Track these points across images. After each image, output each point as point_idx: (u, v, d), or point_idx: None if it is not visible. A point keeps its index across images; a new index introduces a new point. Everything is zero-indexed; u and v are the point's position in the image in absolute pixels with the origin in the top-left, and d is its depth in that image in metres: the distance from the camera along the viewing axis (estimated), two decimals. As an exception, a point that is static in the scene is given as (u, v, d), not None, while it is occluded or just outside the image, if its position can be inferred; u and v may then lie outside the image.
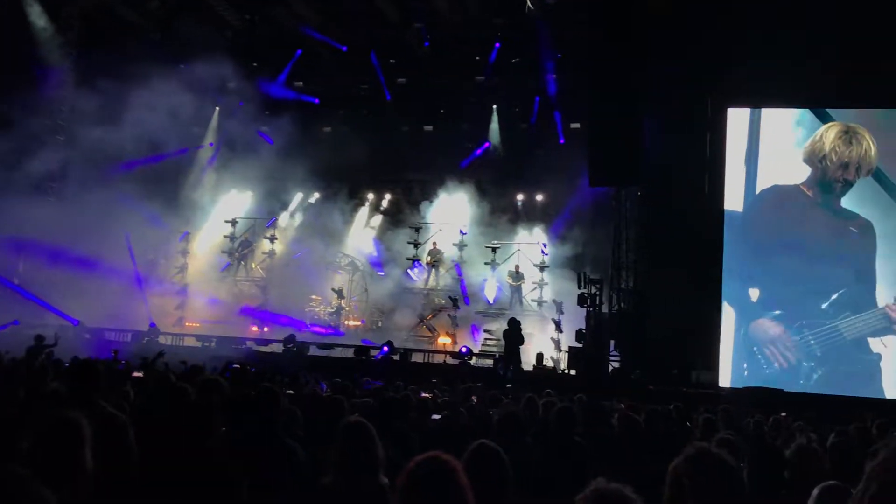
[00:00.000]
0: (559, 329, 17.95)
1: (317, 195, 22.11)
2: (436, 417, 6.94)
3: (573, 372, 16.21)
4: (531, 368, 16.25)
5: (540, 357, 16.81)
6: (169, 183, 20.94)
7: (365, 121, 22.09)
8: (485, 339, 19.18)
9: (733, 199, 17.02)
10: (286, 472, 4.10)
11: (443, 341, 19.31)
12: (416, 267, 21.11)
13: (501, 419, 5.15)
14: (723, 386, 15.81)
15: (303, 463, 4.21)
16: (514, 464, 3.21)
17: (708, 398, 12.64)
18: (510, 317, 16.66)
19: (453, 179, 20.78)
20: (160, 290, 20.61)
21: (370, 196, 22.60)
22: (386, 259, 21.46)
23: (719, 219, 16.92)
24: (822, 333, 15.97)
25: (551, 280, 19.68)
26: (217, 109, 22.41)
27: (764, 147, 17.00)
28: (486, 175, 21.25)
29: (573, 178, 18.42)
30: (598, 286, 16.86)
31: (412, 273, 21.12)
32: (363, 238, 22.21)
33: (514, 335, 15.74)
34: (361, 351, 17.15)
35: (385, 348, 16.77)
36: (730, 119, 17.26)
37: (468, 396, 9.31)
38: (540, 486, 4.15)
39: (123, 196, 18.49)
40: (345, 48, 21.47)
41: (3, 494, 1.81)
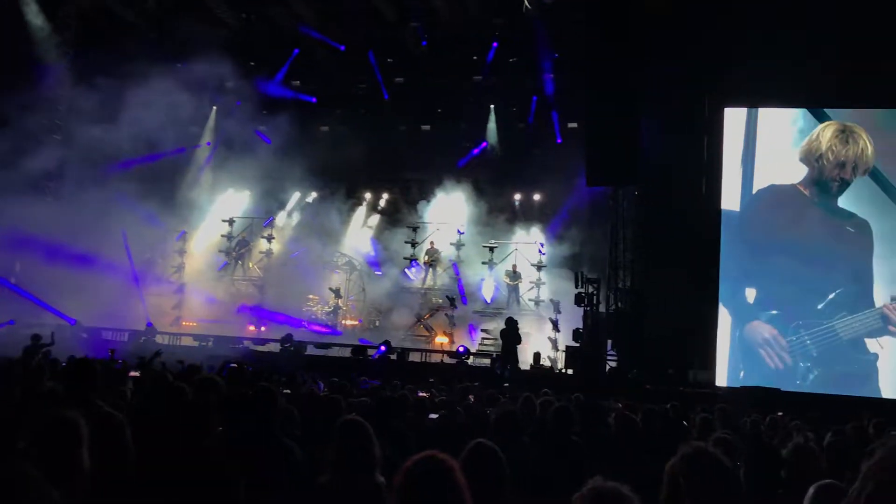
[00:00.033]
0: (556, 328, 17.95)
1: (314, 194, 22.11)
2: (433, 417, 6.94)
3: (570, 371, 16.22)
4: (528, 368, 16.24)
5: (537, 356, 16.80)
6: (166, 182, 20.91)
7: (362, 120, 22.08)
8: (482, 339, 19.17)
9: (730, 199, 17.04)
10: (283, 472, 4.09)
11: (440, 341, 19.29)
12: (414, 266, 21.10)
13: (498, 418, 5.15)
14: (719, 385, 15.84)
15: (300, 462, 4.21)
16: (511, 463, 3.21)
17: (705, 397, 12.67)
18: (507, 316, 16.67)
19: (451, 179, 20.77)
20: (157, 290, 20.59)
21: (368, 195, 22.58)
22: (383, 258, 21.45)
23: (716, 218, 16.94)
24: (819, 333, 15.95)
25: (548, 279, 19.69)
26: (214, 109, 22.40)
27: (761, 147, 17.02)
28: (484, 174, 21.24)
29: (570, 178, 18.43)
30: (596, 286, 16.88)
31: (409, 272, 21.10)
32: (361, 237, 22.19)
33: (512, 335, 15.74)
34: (359, 350, 17.13)
35: (382, 348, 16.76)
36: (726, 119, 17.28)
37: (465, 396, 9.30)
38: (537, 486, 4.15)
39: (120, 195, 18.48)
40: (342, 47, 21.46)
41: (11, 492, 1.81)
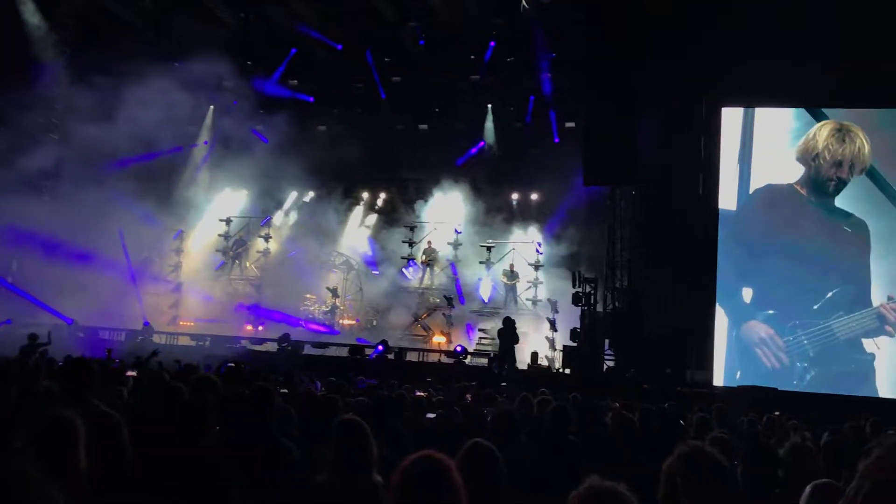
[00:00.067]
0: (554, 328, 17.95)
1: (311, 194, 22.10)
2: (430, 416, 6.93)
3: (568, 371, 16.23)
4: (526, 367, 16.26)
5: (535, 356, 16.82)
6: (163, 181, 20.89)
7: (360, 119, 22.09)
8: (479, 338, 19.18)
9: (727, 199, 17.03)
10: (280, 471, 4.09)
11: (437, 340, 19.30)
12: (411, 266, 21.10)
13: (496, 418, 5.15)
14: (717, 385, 15.84)
15: (297, 462, 4.20)
16: (509, 462, 3.21)
17: (702, 397, 12.66)
18: (505, 316, 16.68)
19: (448, 178, 20.76)
20: (154, 289, 20.58)
21: (365, 195, 22.57)
22: (381, 258, 21.44)
23: (713, 218, 16.94)
24: (816, 333, 15.92)
25: (546, 279, 19.70)
26: (212, 108, 22.38)
27: (757, 146, 16.99)
28: (481, 174, 21.23)
29: (568, 177, 18.42)
30: (593, 285, 16.89)
31: (407, 272, 21.10)
32: (358, 237, 22.18)
33: (509, 334, 15.75)
34: (356, 350, 17.13)
35: (380, 347, 16.76)
36: (723, 118, 17.28)
37: (463, 395, 9.31)
38: (534, 485, 4.15)
39: (117, 194, 18.46)
40: (339, 46, 21.44)
41: (11, 491, 1.81)
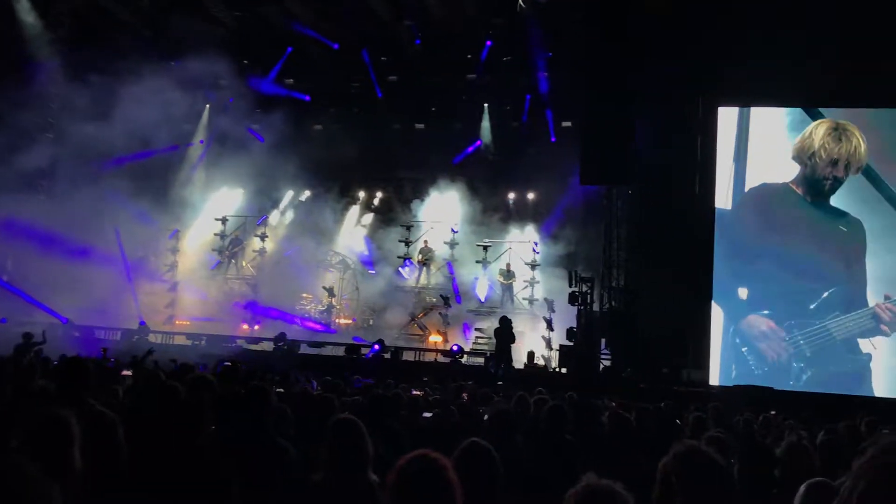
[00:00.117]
0: (550, 327, 17.94)
1: (308, 193, 22.07)
2: (427, 415, 6.94)
3: (564, 370, 16.23)
4: (522, 367, 16.26)
5: (531, 355, 16.82)
6: (159, 180, 20.86)
7: (356, 118, 22.05)
8: (476, 338, 19.18)
9: (723, 198, 17.02)
10: (277, 471, 4.08)
11: (434, 339, 19.29)
12: (408, 265, 21.09)
13: (492, 417, 5.15)
14: (713, 384, 15.84)
15: (293, 461, 4.20)
16: (505, 462, 3.20)
17: (698, 396, 12.68)
18: (501, 315, 16.67)
19: (445, 178, 20.74)
20: (150, 288, 20.54)
21: (361, 194, 22.55)
22: (377, 257, 21.43)
23: (710, 217, 16.93)
24: (812, 333, 15.89)
25: (543, 278, 19.69)
26: (208, 106, 22.34)
27: (753, 145, 16.96)
28: (478, 173, 21.22)
29: (565, 177, 18.43)
30: (590, 284, 16.89)
31: (403, 271, 21.09)
32: (354, 236, 22.16)
33: (506, 333, 15.74)
34: (352, 349, 17.11)
35: (376, 346, 16.75)
36: (719, 117, 17.27)
37: (459, 394, 9.31)
38: (530, 484, 4.15)
39: (113, 193, 18.43)
40: (336, 46, 21.41)
41: (10, 487, 1.80)
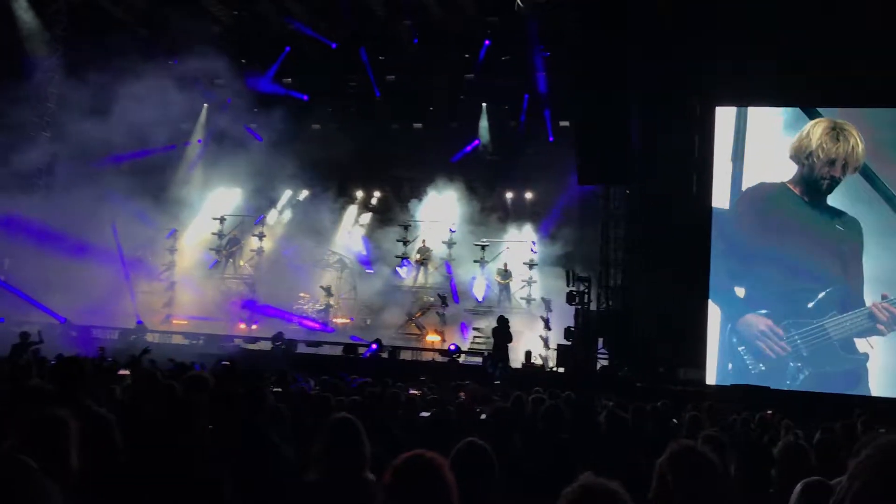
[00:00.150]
0: (548, 327, 17.96)
1: (305, 192, 22.01)
2: (424, 415, 6.94)
3: (561, 369, 16.24)
4: (520, 366, 16.27)
5: (528, 355, 16.82)
6: (156, 180, 20.80)
7: (354, 118, 22.02)
8: (473, 337, 19.18)
9: (720, 197, 16.99)
10: (272, 470, 4.09)
11: (431, 339, 19.29)
12: (405, 265, 21.08)
13: (489, 416, 5.16)
14: (709, 384, 15.83)
15: (289, 460, 4.20)
16: (502, 461, 3.21)
17: (695, 396, 12.68)
18: (499, 314, 16.67)
19: (443, 177, 20.71)
20: (148, 287, 20.52)
21: (359, 193, 22.51)
22: (375, 257, 21.40)
23: (707, 217, 16.88)
24: (809, 333, 15.84)
25: (540, 278, 19.69)
26: (206, 106, 22.30)
27: (750, 144, 16.89)
28: (476, 173, 21.20)
29: (562, 176, 18.44)
30: (587, 284, 16.91)
31: (401, 271, 21.07)
32: (352, 236, 22.12)
33: (503, 333, 15.74)
34: (350, 348, 17.11)
35: (374, 346, 16.76)
36: (717, 117, 17.25)
37: (457, 394, 9.32)
38: (527, 484, 4.16)
39: (111, 192, 18.39)
40: (334, 45, 21.39)
41: (11, 484, 1.81)
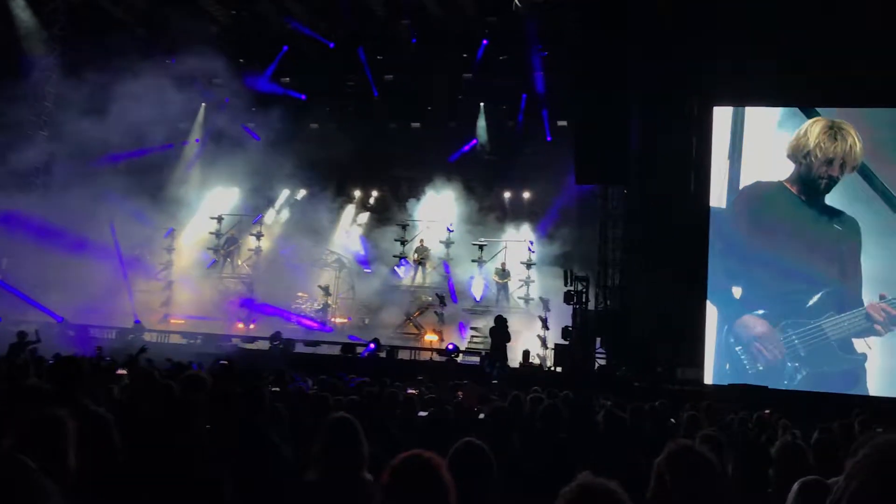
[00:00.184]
0: (546, 326, 17.96)
1: (303, 192, 21.99)
2: (422, 414, 6.94)
3: (559, 369, 16.24)
4: (518, 366, 16.27)
5: (526, 354, 16.81)
6: (154, 179, 20.78)
7: (352, 117, 22.03)
8: (471, 337, 19.17)
9: (717, 197, 16.98)
10: (270, 469, 4.08)
11: (430, 338, 19.28)
12: (403, 264, 21.07)
13: (488, 416, 5.16)
14: (707, 383, 15.84)
15: (287, 460, 4.20)
16: (500, 461, 3.21)
17: (693, 395, 12.69)
18: (497, 314, 16.67)
19: (441, 177, 20.72)
20: (145, 287, 20.50)
21: (357, 193, 22.50)
22: (373, 256, 21.39)
23: (705, 216, 16.89)
24: (806, 333, 15.81)
25: (538, 277, 19.70)
26: (203, 105, 22.28)
27: (748, 143, 16.88)
28: (474, 173, 21.20)
29: (560, 176, 18.44)
30: (585, 284, 16.91)
31: (399, 270, 21.06)
32: (350, 235, 22.11)
33: (501, 332, 15.74)
34: (348, 348, 17.10)
35: (371, 345, 16.75)
36: (715, 117, 17.25)
37: (455, 393, 9.32)
38: (525, 483, 4.16)
39: (108, 192, 18.38)
40: (332, 44, 21.39)
41: (9, 484, 1.81)
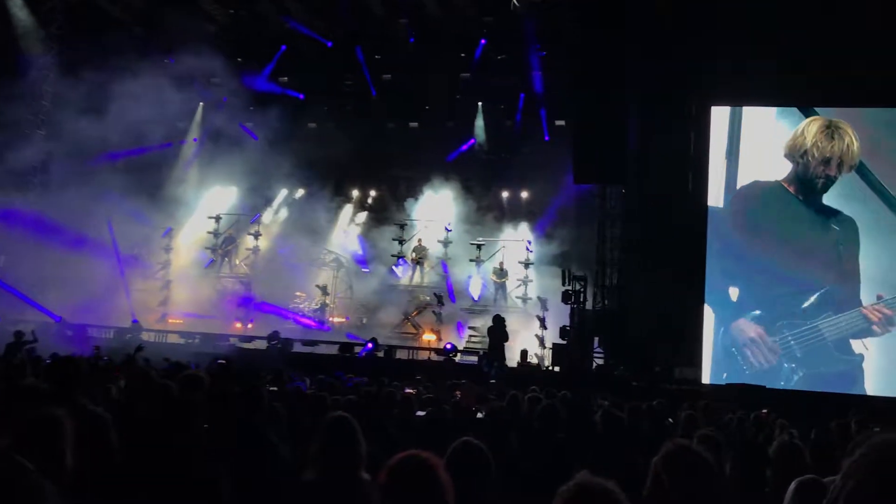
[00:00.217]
0: (544, 326, 17.96)
1: (301, 191, 21.97)
2: (420, 414, 6.94)
3: (557, 368, 16.25)
4: (516, 365, 16.27)
5: (524, 354, 16.82)
6: (152, 178, 20.76)
7: (350, 117, 22.01)
8: (469, 336, 19.18)
9: (714, 196, 16.97)
10: (268, 469, 4.08)
11: (428, 338, 19.28)
12: (401, 264, 21.07)
13: (486, 416, 5.17)
14: (705, 383, 15.84)
15: (285, 459, 4.20)
16: (498, 461, 3.21)
17: (691, 395, 12.69)
18: (495, 313, 16.68)
19: (439, 176, 20.72)
20: (143, 286, 20.49)
21: (355, 192, 22.49)
22: (371, 256, 21.38)
23: (703, 216, 16.89)
24: (803, 334, 15.76)
25: (536, 277, 19.71)
26: (201, 104, 22.26)
27: (745, 143, 16.84)
28: (472, 172, 21.20)
29: (558, 176, 18.44)
30: (583, 283, 16.92)
31: (397, 270, 21.06)
32: (348, 235, 22.10)
33: (499, 332, 15.75)
34: (346, 347, 17.10)
35: (369, 345, 16.75)
36: (713, 116, 17.24)
37: (453, 393, 9.33)
38: (523, 483, 4.16)
39: (106, 191, 18.36)
40: (330, 43, 21.38)
41: (8, 484, 1.81)
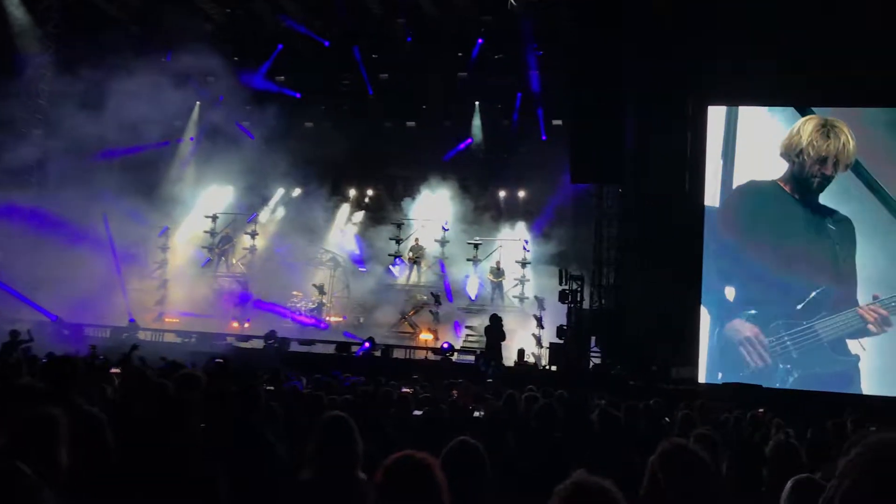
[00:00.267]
0: (541, 325, 17.97)
1: (298, 190, 21.95)
2: (417, 413, 6.94)
3: (554, 368, 16.26)
4: (513, 364, 16.28)
5: (521, 353, 16.83)
6: (149, 177, 20.75)
7: (347, 116, 22.02)
8: (466, 336, 19.18)
9: (711, 196, 16.97)
10: (265, 468, 4.08)
11: (425, 337, 19.29)
12: (398, 263, 21.07)
13: (482, 415, 5.17)
14: (701, 382, 15.84)
15: (282, 459, 4.20)
16: (495, 460, 3.21)
17: (687, 394, 12.70)
18: (492, 313, 16.69)
19: (436, 176, 20.74)
20: (139, 285, 20.46)
21: (352, 192, 22.49)
22: (368, 255, 21.38)
23: (700, 215, 16.90)
24: (799, 334, 15.75)
25: (533, 276, 19.72)
26: (198, 103, 22.23)
27: (741, 142, 16.85)
28: (469, 171, 21.21)
29: (555, 175, 18.45)
30: (580, 283, 16.93)
31: (394, 269, 21.06)
32: (345, 234, 22.10)
33: (496, 331, 15.77)
34: (343, 347, 17.09)
35: (366, 344, 16.74)
36: (709, 116, 17.24)
37: (449, 392, 9.32)
38: (520, 482, 4.16)
39: (103, 190, 18.35)
40: (327, 43, 21.38)
41: (4, 487, 1.80)
